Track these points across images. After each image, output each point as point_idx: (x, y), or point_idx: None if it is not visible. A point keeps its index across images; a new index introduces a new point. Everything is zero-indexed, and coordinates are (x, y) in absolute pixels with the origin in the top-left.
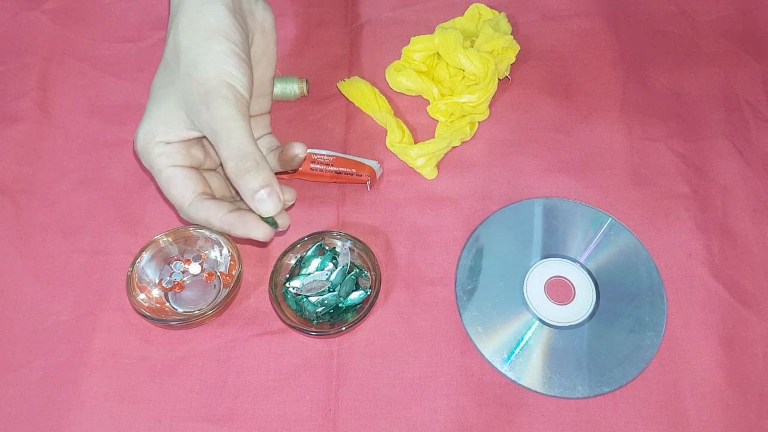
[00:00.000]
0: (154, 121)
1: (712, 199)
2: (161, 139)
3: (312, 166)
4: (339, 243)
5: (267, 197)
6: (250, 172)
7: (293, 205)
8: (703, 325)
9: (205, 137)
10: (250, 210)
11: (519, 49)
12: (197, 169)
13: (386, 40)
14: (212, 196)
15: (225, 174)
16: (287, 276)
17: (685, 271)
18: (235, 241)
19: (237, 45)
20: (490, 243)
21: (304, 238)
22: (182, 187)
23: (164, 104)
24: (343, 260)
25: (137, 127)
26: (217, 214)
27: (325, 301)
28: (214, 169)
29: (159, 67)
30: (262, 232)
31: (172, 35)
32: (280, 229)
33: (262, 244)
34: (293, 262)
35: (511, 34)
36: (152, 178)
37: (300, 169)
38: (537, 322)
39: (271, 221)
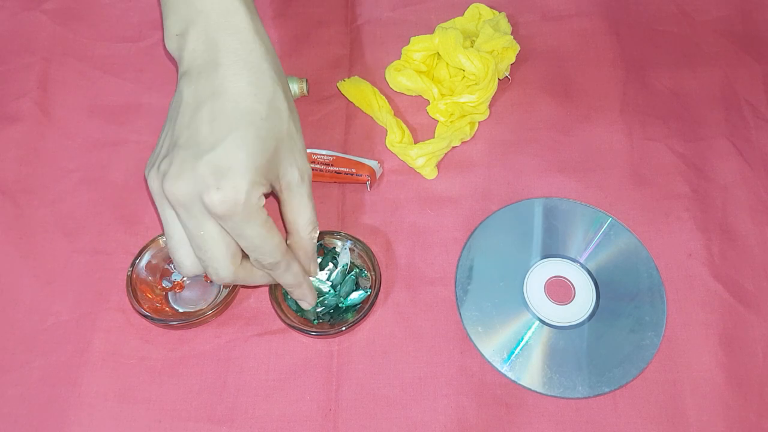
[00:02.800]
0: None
1: (712, 199)
2: (264, 191)
3: (312, 166)
4: (339, 243)
5: (308, 289)
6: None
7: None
8: (703, 325)
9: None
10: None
11: (519, 49)
12: None
13: (386, 40)
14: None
15: (293, 237)
16: None
17: (685, 271)
18: None
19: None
20: (490, 243)
21: None
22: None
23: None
24: (343, 260)
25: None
26: (290, 282)
27: (325, 301)
28: None
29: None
30: (310, 300)
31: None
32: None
33: None
34: None
35: (511, 34)
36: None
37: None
38: (537, 322)
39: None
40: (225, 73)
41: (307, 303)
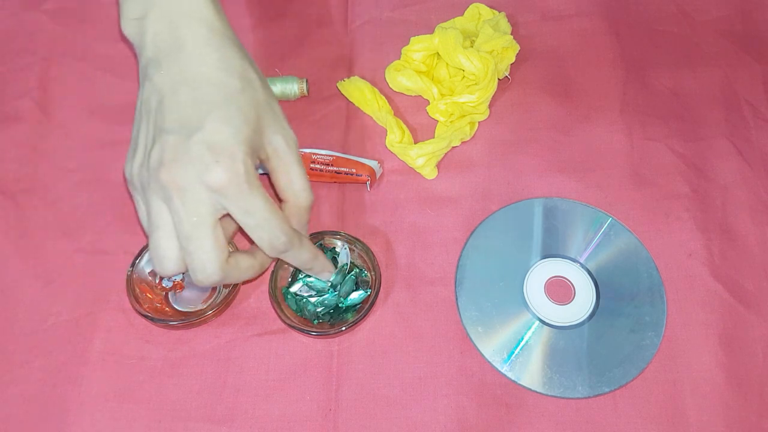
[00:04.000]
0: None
1: (712, 199)
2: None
3: (312, 166)
4: (339, 243)
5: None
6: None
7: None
8: (703, 325)
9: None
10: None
11: (519, 49)
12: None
13: (386, 40)
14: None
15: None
16: (289, 280)
17: (685, 271)
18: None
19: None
20: (490, 243)
21: None
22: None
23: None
24: (343, 260)
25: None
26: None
27: (325, 301)
28: None
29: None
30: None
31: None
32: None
33: None
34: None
35: (511, 34)
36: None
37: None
38: (537, 322)
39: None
40: (191, 54)
41: (328, 272)
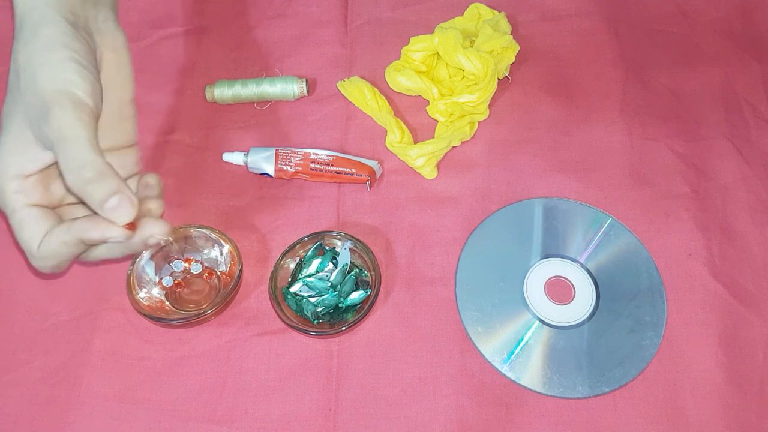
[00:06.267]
0: (5, 150)
1: (712, 199)
2: (16, 171)
3: (312, 166)
4: (339, 243)
5: (118, 204)
6: (92, 183)
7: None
8: (703, 325)
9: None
10: None
11: (519, 49)
12: (56, 207)
13: (386, 40)
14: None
15: (69, 190)
16: (289, 280)
17: (685, 271)
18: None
19: (77, 52)
20: (490, 243)
21: (304, 238)
22: (35, 229)
23: (11, 129)
24: (343, 260)
25: None
26: (66, 228)
27: (325, 301)
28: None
29: (6, 93)
30: (118, 230)
31: (13, 54)
32: (154, 235)
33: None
34: (293, 266)
35: (511, 34)
36: (6, 222)
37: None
38: (537, 322)
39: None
40: None
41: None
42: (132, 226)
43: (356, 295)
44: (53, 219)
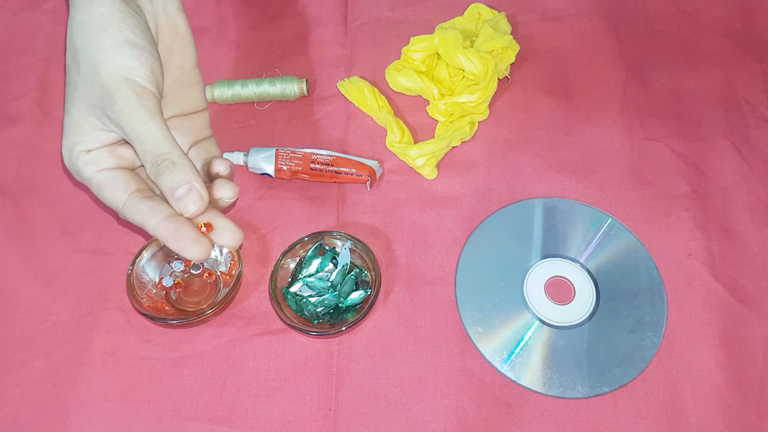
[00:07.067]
0: (70, 132)
1: (712, 199)
2: (82, 148)
3: (312, 166)
4: (339, 243)
5: (185, 195)
6: (166, 173)
7: (235, 202)
8: (703, 325)
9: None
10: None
11: (519, 49)
12: (130, 168)
13: (386, 40)
14: (150, 194)
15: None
16: (289, 280)
17: (685, 271)
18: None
19: (132, 31)
20: (490, 243)
21: (304, 238)
22: (113, 189)
23: (74, 113)
24: (343, 260)
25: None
26: (151, 221)
27: (325, 301)
28: None
29: (66, 73)
30: (195, 252)
31: (69, 36)
32: (226, 240)
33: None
34: (293, 266)
35: (511, 34)
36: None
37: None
38: (537, 322)
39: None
40: None
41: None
42: (209, 227)
43: (356, 295)
44: (128, 177)
